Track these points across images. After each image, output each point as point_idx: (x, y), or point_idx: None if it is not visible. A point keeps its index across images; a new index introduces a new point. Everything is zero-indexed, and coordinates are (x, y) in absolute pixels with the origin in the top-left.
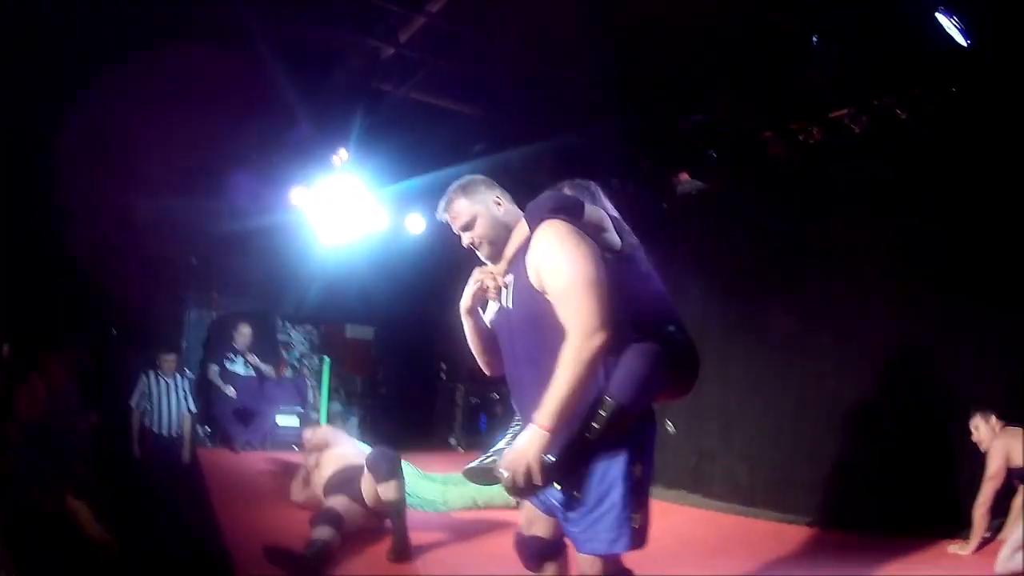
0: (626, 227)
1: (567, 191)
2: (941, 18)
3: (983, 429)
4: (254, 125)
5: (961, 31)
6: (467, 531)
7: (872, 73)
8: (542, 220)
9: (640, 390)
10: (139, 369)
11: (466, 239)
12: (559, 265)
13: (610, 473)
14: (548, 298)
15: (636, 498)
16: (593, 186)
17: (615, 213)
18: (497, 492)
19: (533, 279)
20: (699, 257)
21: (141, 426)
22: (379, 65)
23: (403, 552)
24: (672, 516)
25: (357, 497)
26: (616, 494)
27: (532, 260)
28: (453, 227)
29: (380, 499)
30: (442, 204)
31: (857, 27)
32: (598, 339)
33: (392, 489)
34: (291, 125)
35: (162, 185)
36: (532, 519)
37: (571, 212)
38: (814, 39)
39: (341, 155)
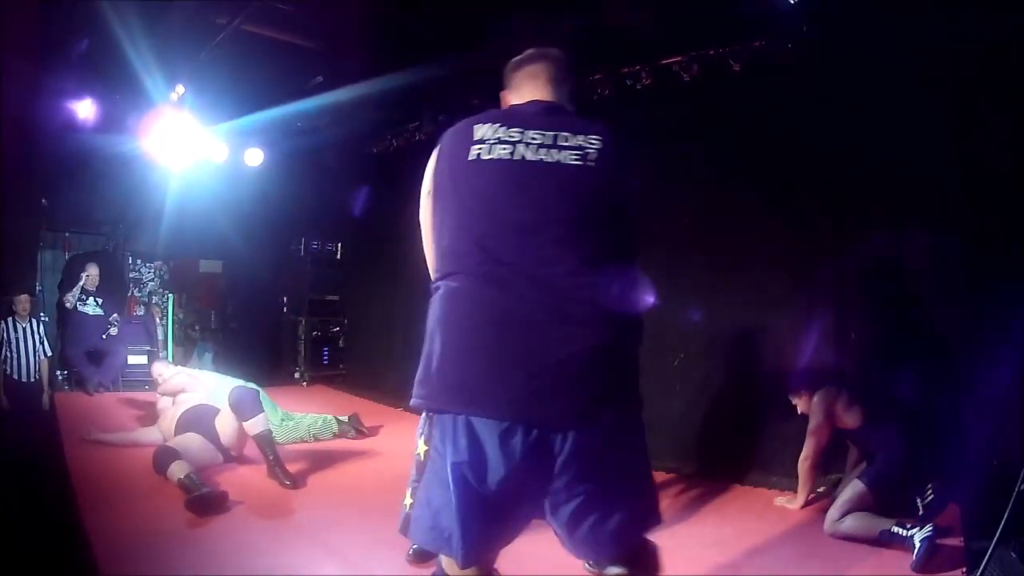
0: None
1: None
2: None
3: (803, 401)
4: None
5: None
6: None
7: (705, 24)
8: None
9: None
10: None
11: None
12: None
13: None
14: None
15: (420, 475)
16: None
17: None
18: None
19: None
20: None
21: (4, 375)
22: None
23: (287, 476)
24: None
25: (209, 435)
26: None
27: None
28: None
29: (244, 435)
30: None
31: None
32: None
33: (258, 423)
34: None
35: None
36: None
37: None
38: None
39: (178, 90)
